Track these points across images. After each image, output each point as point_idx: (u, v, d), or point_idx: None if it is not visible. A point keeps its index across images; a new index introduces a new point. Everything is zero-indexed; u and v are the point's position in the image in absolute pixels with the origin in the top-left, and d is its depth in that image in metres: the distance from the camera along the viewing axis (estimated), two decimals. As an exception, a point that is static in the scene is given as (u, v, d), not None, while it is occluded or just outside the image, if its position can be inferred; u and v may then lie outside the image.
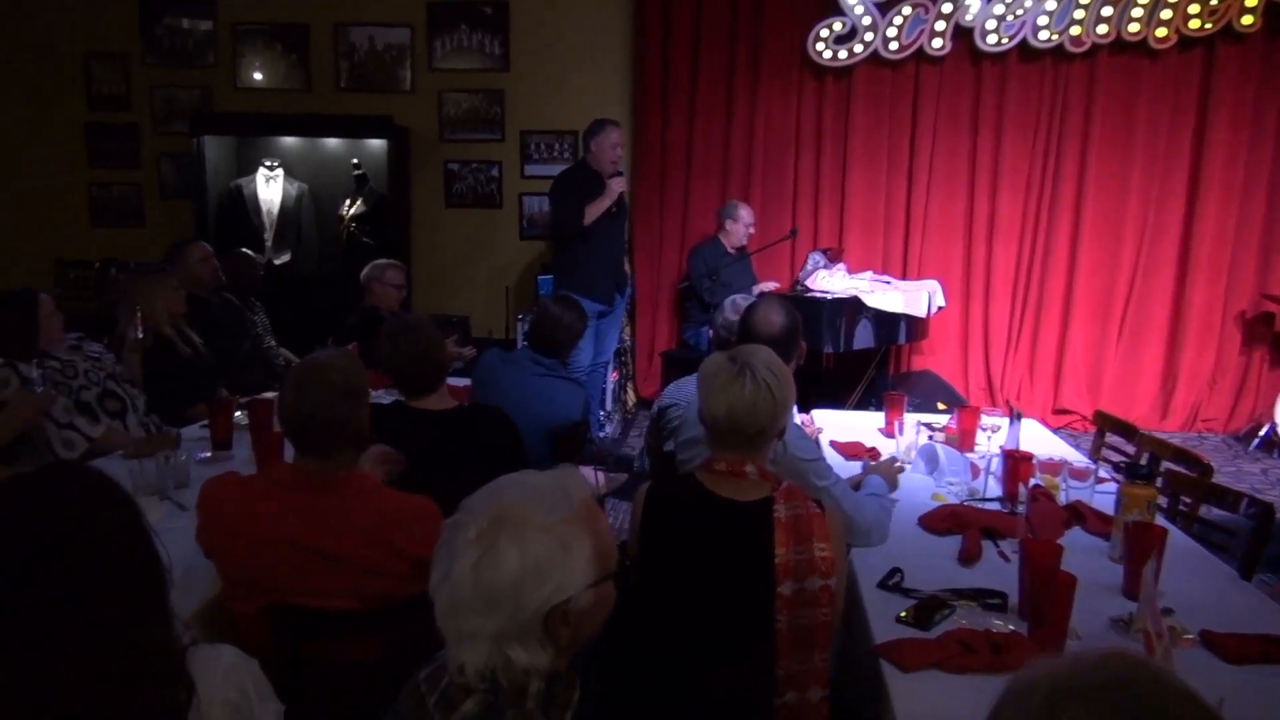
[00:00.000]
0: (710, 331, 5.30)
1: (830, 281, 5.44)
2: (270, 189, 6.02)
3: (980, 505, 2.65)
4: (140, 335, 3.71)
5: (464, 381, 3.52)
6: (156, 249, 6.26)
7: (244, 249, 5.04)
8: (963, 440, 3.21)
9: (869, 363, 5.63)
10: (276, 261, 5.93)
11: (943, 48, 5.79)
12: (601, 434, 5.28)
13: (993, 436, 3.21)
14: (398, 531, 2.01)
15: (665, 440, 3.16)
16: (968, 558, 2.28)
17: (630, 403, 6.20)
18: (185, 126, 6.13)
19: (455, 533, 1.22)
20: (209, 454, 3.10)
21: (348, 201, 6.16)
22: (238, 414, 3.27)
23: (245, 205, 5.98)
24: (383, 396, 2.94)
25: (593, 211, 4.93)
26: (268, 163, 6.01)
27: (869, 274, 5.70)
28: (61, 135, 6.47)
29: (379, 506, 2.03)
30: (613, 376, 5.61)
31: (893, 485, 2.71)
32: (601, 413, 5.38)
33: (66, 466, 1.43)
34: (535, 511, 1.22)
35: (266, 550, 1.95)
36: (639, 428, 5.88)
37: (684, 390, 3.16)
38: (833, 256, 5.73)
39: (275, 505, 1.99)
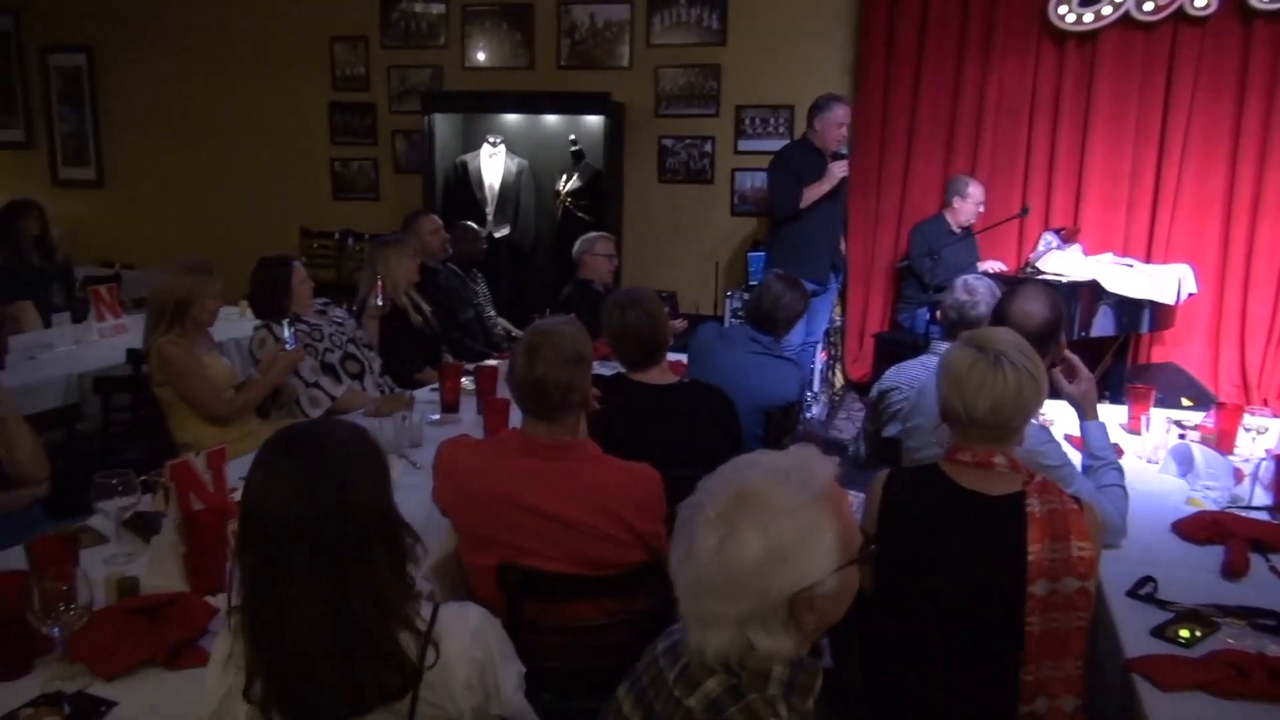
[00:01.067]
0: (927, 313, 5.08)
1: (1065, 263, 5.06)
2: (492, 164, 6.26)
3: (1245, 514, 2.39)
4: (381, 303, 3.94)
5: (678, 356, 3.52)
6: (389, 221, 6.67)
7: (468, 221, 5.26)
8: (1221, 441, 2.90)
9: (1104, 352, 5.20)
10: (496, 235, 6.16)
11: (1207, 6, 5.22)
12: (808, 415, 5.17)
13: (1258, 439, 2.89)
14: (622, 499, 2.03)
15: (885, 425, 3.04)
16: (1233, 571, 2.06)
17: (838, 384, 6.04)
18: (417, 105, 6.47)
19: (694, 513, 1.19)
20: (438, 416, 3.25)
21: (564, 177, 6.31)
22: (465, 379, 3.41)
23: (469, 180, 6.25)
24: (600, 368, 2.99)
25: (811, 195, 4.81)
26: (491, 139, 6.24)
27: (1108, 256, 5.25)
28: (308, 114, 6.99)
29: (604, 474, 2.06)
30: (821, 357, 5.48)
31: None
32: (808, 394, 5.27)
33: (342, 421, 1.52)
34: (778, 493, 1.17)
35: (497, 511, 2.02)
36: (846, 410, 5.72)
37: (906, 373, 3.02)
38: (1066, 236, 5.32)
39: (505, 468, 2.05)
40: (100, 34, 7.35)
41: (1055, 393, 2.26)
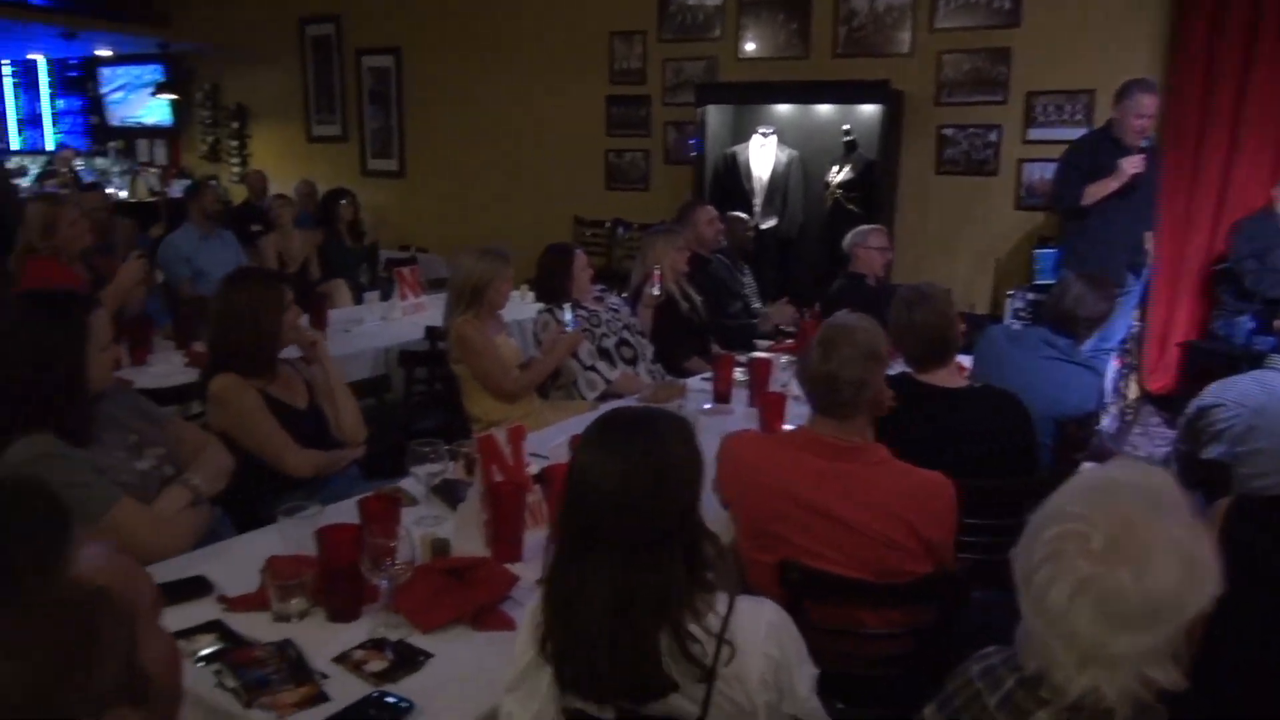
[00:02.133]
0: (1251, 322, 4.52)
1: None
2: (762, 155, 6.23)
3: None
4: (657, 292, 4.02)
5: (963, 357, 3.33)
6: (658, 211, 6.82)
7: (737, 213, 5.27)
8: None
9: None
10: (763, 226, 6.13)
11: None
12: (1098, 428, 4.75)
13: None
14: (912, 507, 1.94)
15: (1205, 446, 2.73)
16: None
17: (1132, 396, 5.52)
18: (690, 96, 6.55)
19: (1071, 544, 1.08)
20: (710, 405, 3.27)
21: (835, 168, 6.17)
22: (737, 370, 3.41)
23: (738, 170, 6.26)
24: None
25: (1095, 192, 4.40)
26: (762, 129, 6.22)
27: None
28: (586, 106, 7.28)
29: (895, 480, 1.97)
30: (1114, 365, 5.01)
31: None
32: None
33: (671, 414, 1.53)
34: (1161, 513, 1.08)
35: (782, 509, 1.99)
36: (1143, 425, 5.21)
37: (1235, 389, 2.69)
38: None
39: (792, 466, 2.01)
40: (408, 36, 8.03)
41: None
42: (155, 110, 9.78)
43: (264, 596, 1.77)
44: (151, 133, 9.99)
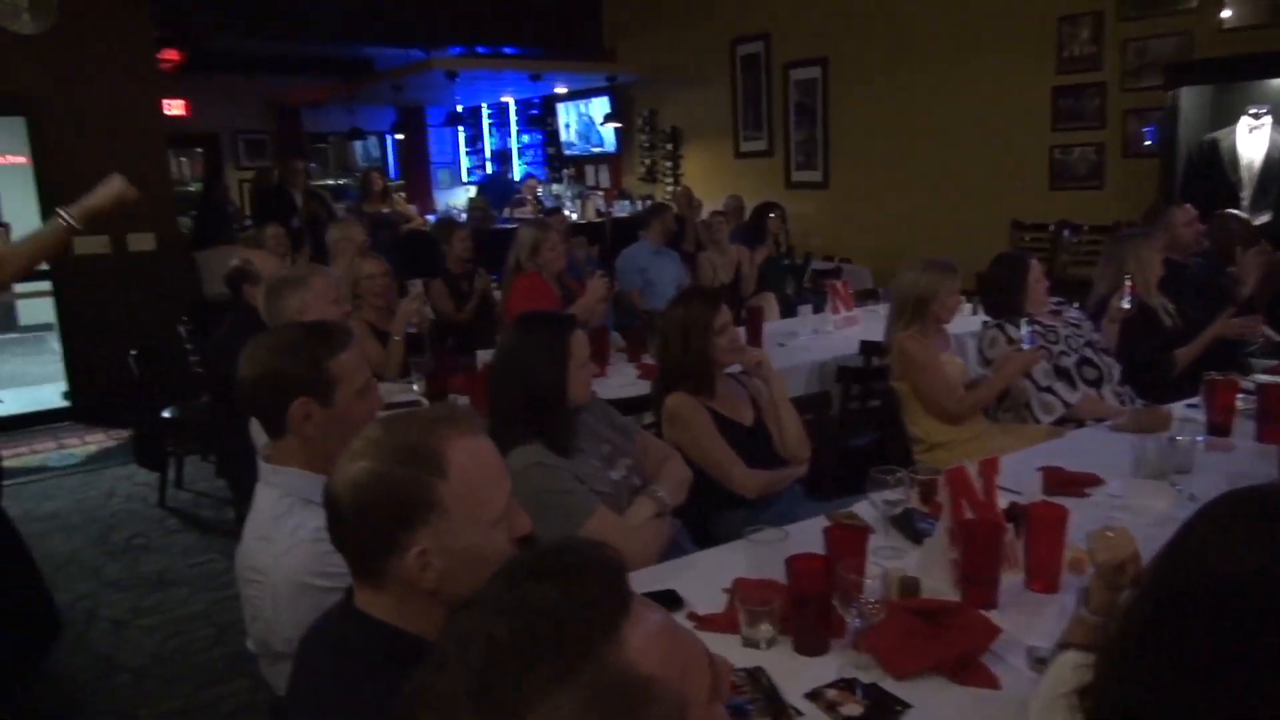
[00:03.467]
0: None
1: None
2: (1253, 140, 5.30)
3: None
4: (1128, 304, 3.56)
5: None
6: (1112, 211, 6.10)
7: (1233, 210, 4.51)
8: None
9: None
10: (1255, 222, 5.21)
11: None
12: None
13: None
14: None
15: None
16: None
17: None
18: (1157, 79, 5.77)
19: None
20: (1204, 439, 2.79)
21: (1353, 149, 5.08)
22: (1239, 396, 2.88)
23: (1221, 159, 5.38)
24: None
25: None
26: (1253, 110, 5.29)
27: None
28: (1027, 100, 6.72)
29: None
30: None
31: None
32: None
33: None
34: None
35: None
36: None
37: None
38: None
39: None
40: (835, 45, 8.01)
41: None
42: (602, 138, 10.78)
43: (732, 619, 1.77)
44: (597, 159, 11.04)
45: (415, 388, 3.62)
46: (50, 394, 6.70)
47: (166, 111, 7.34)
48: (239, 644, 3.41)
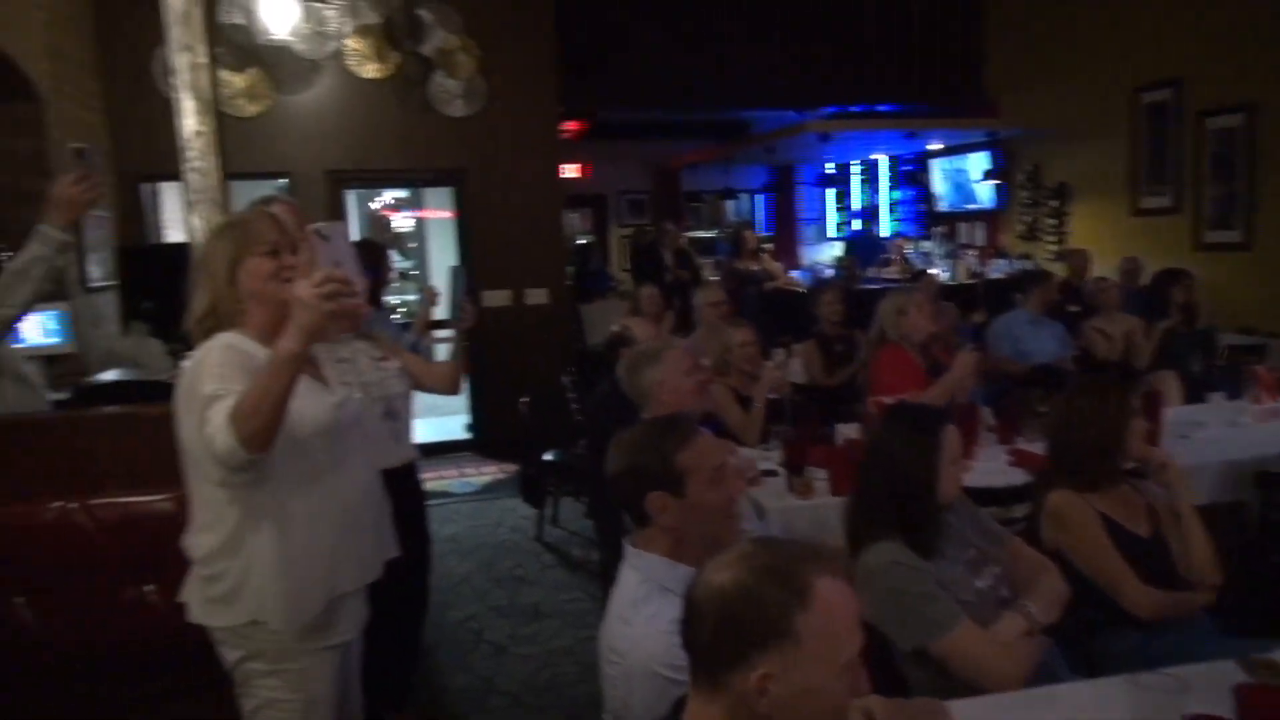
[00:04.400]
0: None
1: None
2: None
3: None
4: None
5: None
6: None
7: None
8: None
9: None
10: None
11: None
12: None
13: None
14: None
15: None
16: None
17: None
18: None
19: None
20: None
21: None
22: None
23: None
24: None
25: None
26: None
27: None
28: None
29: None
30: None
31: None
32: None
33: None
34: None
35: None
36: None
37: None
38: None
39: None
40: (1263, 91, 7.01)
41: None
42: (975, 194, 10.29)
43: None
44: (972, 216, 10.53)
45: (774, 456, 3.65)
46: (455, 426, 7.61)
47: (564, 174, 8.15)
48: (599, 688, 3.63)
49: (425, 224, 9.60)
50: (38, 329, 3.79)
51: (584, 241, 11.90)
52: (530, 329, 7.20)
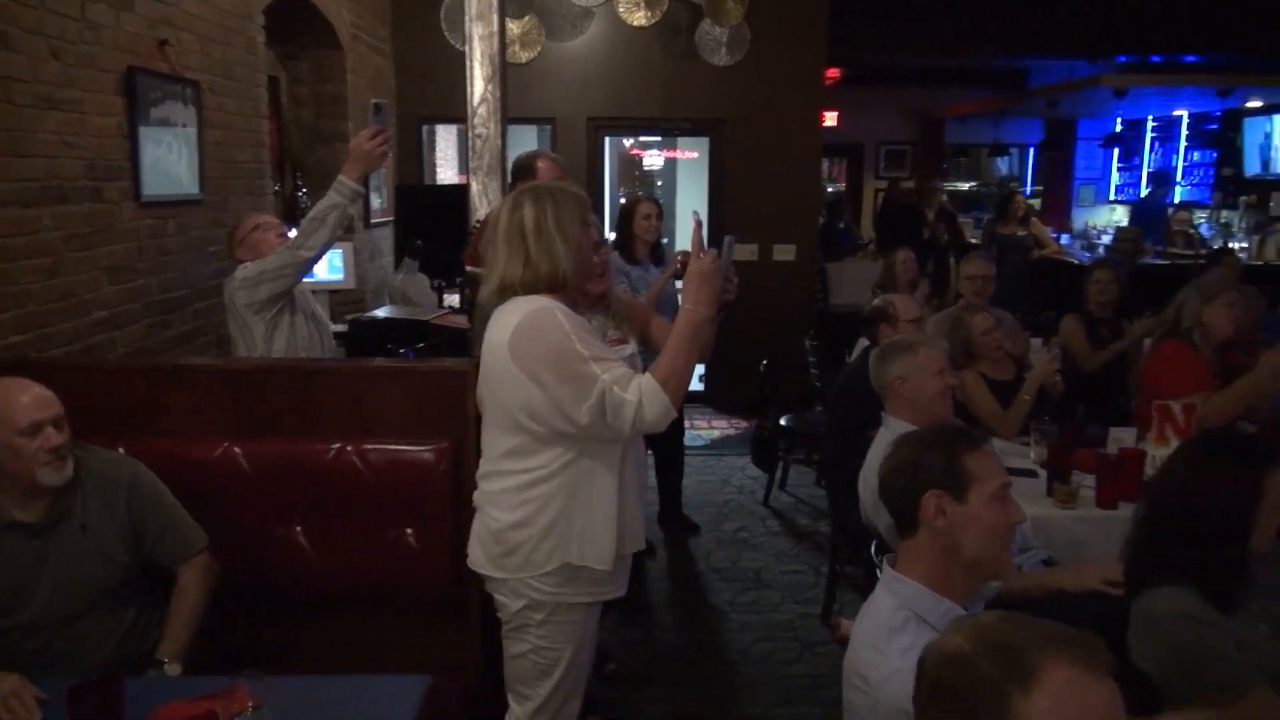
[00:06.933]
0: None
1: None
2: None
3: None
4: None
5: None
6: None
7: None
8: None
9: None
10: None
11: None
12: None
13: None
14: None
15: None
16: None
17: None
18: None
19: None
20: None
21: None
22: None
23: None
24: None
25: None
26: None
27: None
28: None
29: None
30: None
31: None
32: None
33: None
34: None
35: None
36: None
37: None
38: None
39: None
40: None
41: None
42: (1298, 161, 8.98)
43: None
44: (1289, 184, 9.21)
45: (1032, 455, 3.36)
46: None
47: (823, 124, 7.86)
48: (818, 665, 3.55)
49: (675, 164, 9.65)
50: (324, 266, 4.10)
51: (833, 193, 11.52)
52: (775, 286, 7.07)
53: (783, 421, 5.28)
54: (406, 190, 6.38)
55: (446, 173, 8.18)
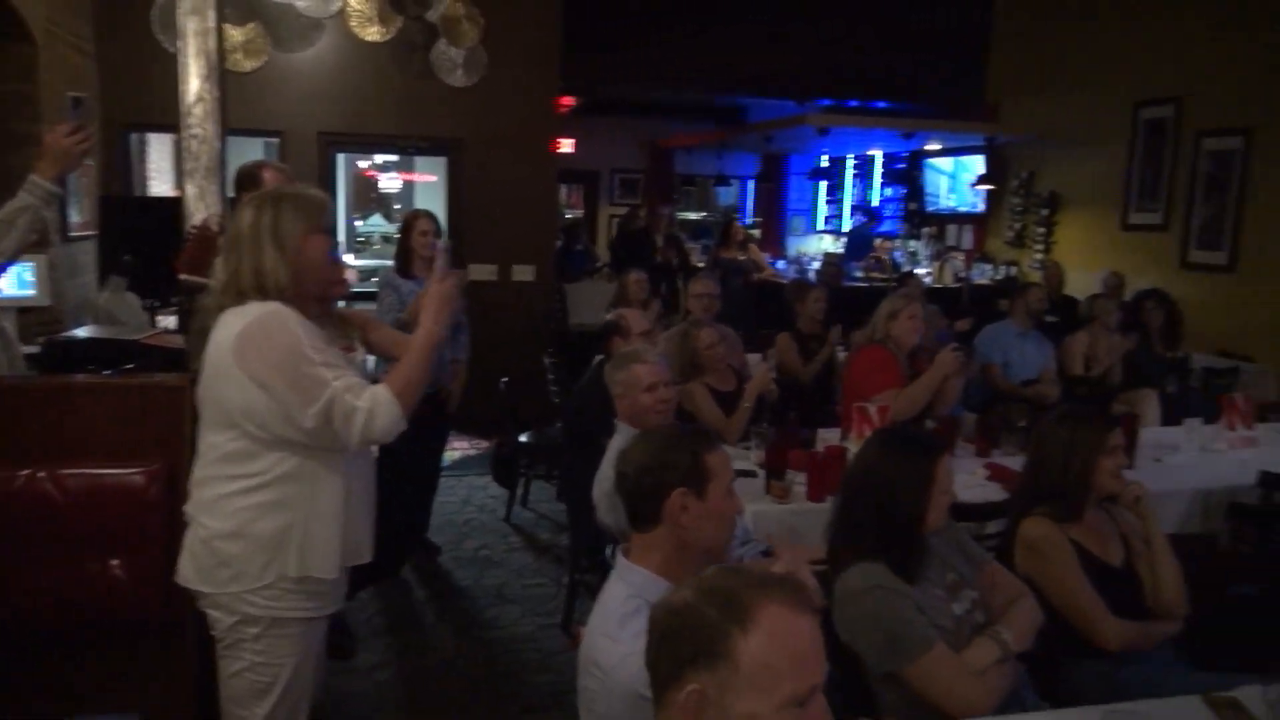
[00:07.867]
0: None
1: None
2: None
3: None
4: None
5: None
6: None
7: None
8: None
9: None
10: None
11: None
12: None
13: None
14: None
15: None
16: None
17: None
18: None
19: None
20: None
21: None
22: None
23: None
24: None
25: None
26: None
27: None
28: None
29: None
30: None
31: None
32: None
33: None
34: None
35: None
36: None
37: None
38: None
39: None
40: (1263, 115, 7.02)
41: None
42: (969, 197, 10.29)
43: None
44: (961, 218, 10.54)
45: (752, 457, 3.63)
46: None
47: (558, 150, 8.06)
48: (559, 678, 3.61)
49: (413, 187, 9.50)
50: (12, 280, 3.69)
51: (570, 218, 11.82)
52: (514, 306, 7.14)
53: (523, 438, 5.35)
54: (114, 202, 5.85)
55: (161, 186, 7.58)
